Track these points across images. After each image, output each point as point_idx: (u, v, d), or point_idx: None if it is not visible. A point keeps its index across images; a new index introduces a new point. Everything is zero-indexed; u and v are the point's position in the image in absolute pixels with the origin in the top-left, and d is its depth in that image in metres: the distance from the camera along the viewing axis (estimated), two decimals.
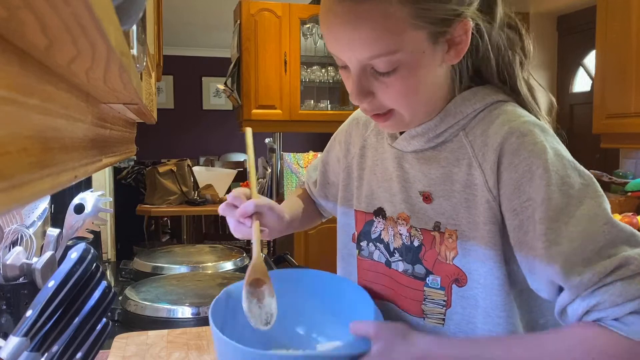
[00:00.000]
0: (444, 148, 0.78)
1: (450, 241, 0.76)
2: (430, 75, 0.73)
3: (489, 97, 0.77)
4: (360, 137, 0.95)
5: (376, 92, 0.73)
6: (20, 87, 0.25)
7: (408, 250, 0.81)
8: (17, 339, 0.61)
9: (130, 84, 0.44)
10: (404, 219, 0.82)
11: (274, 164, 3.44)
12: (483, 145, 0.73)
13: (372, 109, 0.75)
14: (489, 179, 0.72)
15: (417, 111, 0.76)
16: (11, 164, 0.24)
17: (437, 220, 0.77)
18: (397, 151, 0.84)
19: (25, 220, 1.01)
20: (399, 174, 0.83)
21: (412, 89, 0.72)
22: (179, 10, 4.65)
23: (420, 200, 0.79)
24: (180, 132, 6.37)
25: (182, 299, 1.31)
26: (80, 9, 0.21)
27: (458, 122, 0.77)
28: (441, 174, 0.78)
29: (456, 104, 0.77)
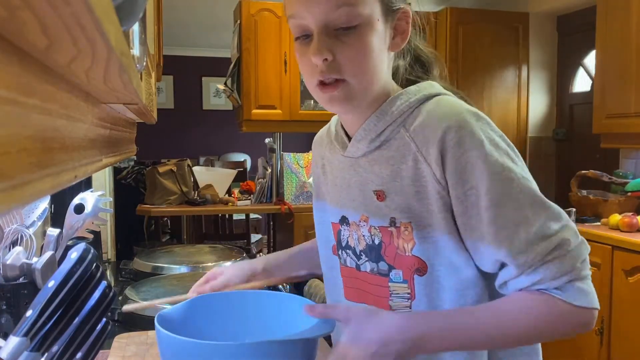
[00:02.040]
0: (388, 147, 0.83)
1: (407, 233, 0.81)
2: (380, 51, 0.80)
3: (420, 92, 0.83)
4: (319, 155, 1.02)
5: (336, 51, 0.77)
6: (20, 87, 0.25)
7: (371, 250, 0.86)
8: (17, 338, 0.61)
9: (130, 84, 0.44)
10: (364, 220, 0.87)
11: (274, 164, 3.44)
12: (425, 141, 0.78)
13: (328, 70, 0.78)
14: (435, 171, 0.77)
15: (365, 81, 0.79)
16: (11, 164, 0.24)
17: (392, 215, 0.82)
18: (350, 159, 0.89)
19: (25, 220, 1.01)
20: (356, 179, 0.88)
21: (367, 53, 0.78)
22: (179, 10, 4.65)
23: (375, 199, 0.84)
24: (180, 132, 6.37)
25: None
26: (80, 9, 0.21)
27: (395, 120, 0.82)
28: (390, 171, 0.82)
29: (391, 103, 0.83)
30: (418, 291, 0.82)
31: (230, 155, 6.33)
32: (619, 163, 3.02)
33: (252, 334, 0.85)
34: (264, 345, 0.70)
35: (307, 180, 3.38)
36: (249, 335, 0.85)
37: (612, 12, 2.69)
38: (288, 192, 3.35)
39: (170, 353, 0.73)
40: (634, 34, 2.56)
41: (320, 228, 1.00)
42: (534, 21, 3.70)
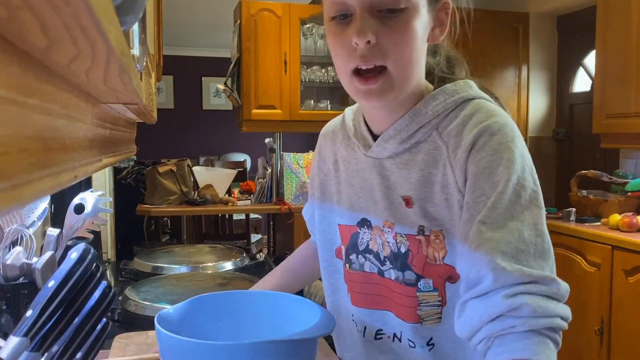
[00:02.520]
0: (419, 150, 0.78)
1: (438, 242, 0.76)
2: (422, 41, 0.75)
3: (458, 94, 0.78)
4: (331, 151, 0.95)
5: (379, 35, 0.71)
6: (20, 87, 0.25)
7: (396, 258, 0.81)
8: (17, 338, 0.61)
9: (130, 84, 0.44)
10: (389, 226, 0.81)
11: (274, 164, 3.44)
12: (456, 146, 0.74)
13: (370, 54, 0.72)
14: (458, 179, 0.73)
15: (407, 71, 0.74)
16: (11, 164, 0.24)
17: (421, 224, 0.77)
18: (374, 160, 0.83)
19: (25, 220, 1.01)
20: (379, 182, 0.82)
21: (413, 40, 0.73)
22: (179, 10, 4.65)
23: (402, 205, 0.79)
24: (180, 132, 6.37)
25: (182, 299, 1.30)
26: (80, 9, 0.21)
27: (430, 121, 0.77)
28: (420, 177, 0.77)
29: (426, 103, 0.78)
30: (449, 297, 0.77)
31: (230, 155, 6.33)
32: (619, 163, 3.02)
33: (252, 334, 0.85)
34: (264, 345, 0.70)
35: (307, 180, 3.38)
36: (249, 335, 0.85)
37: (612, 12, 2.69)
38: (288, 192, 3.35)
39: (170, 353, 0.73)
40: (634, 34, 2.56)
41: (322, 229, 0.95)
42: (534, 21, 3.70)
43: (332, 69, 3.75)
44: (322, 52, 3.75)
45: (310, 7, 3.64)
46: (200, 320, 0.85)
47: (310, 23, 3.64)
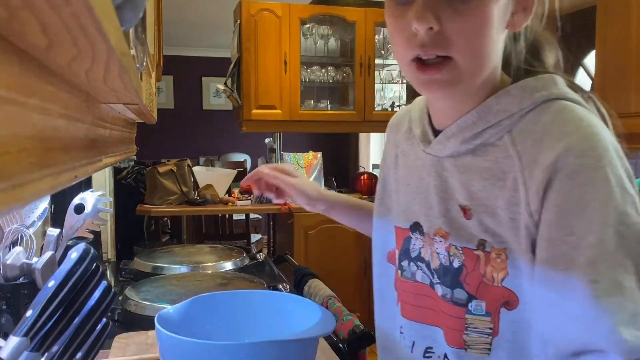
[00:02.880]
0: (485, 153, 0.67)
1: (499, 261, 0.65)
2: (497, 28, 0.63)
3: (538, 91, 0.65)
4: (393, 143, 0.85)
5: (445, 20, 0.61)
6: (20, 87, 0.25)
7: (446, 272, 0.70)
8: (17, 338, 0.61)
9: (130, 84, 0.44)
10: (442, 235, 0.70)
11: None
12: (532, 160, 0.61)
13: (432, 42, 0.61)
14: (531, 202, 0.61)
15: (477, 63, 0.64)
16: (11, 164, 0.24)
17: (482, 237, 0.66)
18: (433, 157, 0.73)
19: (26, 220, 1.01)
20: (436, 184, 0.72)
21: (484, 28, 0.61)
22: (179, 10, 4.65)
23: (460, 214, 0.68)
24: (180, 132, 6.37)
25: (182, 299, 1.30)
26: (80, 9, 0.21)
27: (500, 122, 0.65)
28: (483, 186, 0.66)
29: (498, 100, 0.66)
30: (503, 327, 0.66)
31: (230, 155, 6.33)
32: None
33: (252, 334, 0.85)
34: (264, 345, 0.70)
35: None
36: (249, 335, 0.85)
37: (612, 12, 2.69)
38: None
39: (170, 353, 0.73)
40: (634, 34, 2.56)
41: (377, 228, 0.86)
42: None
43: (332, 69, 3.75)
44: (322, 52, 3.75)
45: (310, 7, 3.64)
46: (200, 320, 0.85)
47: (310, 23, 3.64)
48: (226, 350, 0.69)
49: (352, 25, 3.66)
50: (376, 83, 3.78)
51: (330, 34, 3.73)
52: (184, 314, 0.84)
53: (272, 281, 1.49)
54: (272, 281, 1.49)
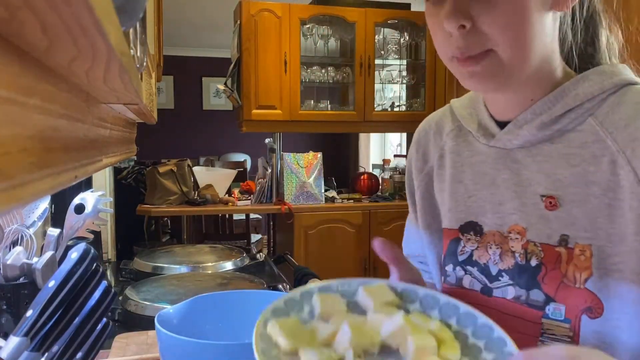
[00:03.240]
0: (567, 140, 0.64)
1: (583, 259, 0.61)
2: (540, 12, 0.60)
3: (617, 76, 0.63)
4: (437, 146, 0.80)
5: (476, 16, 0.58)
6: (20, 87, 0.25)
7: (522, 272, 0.66)
8: (18, 338, 0.61)
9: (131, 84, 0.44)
10: (519, 232, 0.66)
11: (274, 164, 3.44)
12: (632, 139, 0.59)
13: (466, 42, 0.59)
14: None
15: (520, 53, 0.61)
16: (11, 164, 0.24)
17: (564, 232, 0.62)
18: (498, 150, 0.69)
19: (26, 220, 1.01)
20: (506, 177, 0.68)
21: (520, 16, 0.59)
22: (179, 10, 4.65)
23: (541, 207, 0.64)
24: (180, 132, 6.37)
25: (182, 299, 1.30)
26: (81, 9, 0.21)
27: (582, 104, 0.63)
28: (571, 174, 0.63)
29: (576, 83, 0.64)
30: (584, 337, 0.61)
31: (230, 155, 6.33)
32: None
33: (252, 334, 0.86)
34: None
35: (307, 180, 3.38)
36: (249, 335, 0.85)
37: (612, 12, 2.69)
38: (288, 192, 3.35)
39: (170, 353, 0.73)
40: (634, 34, 2.56)
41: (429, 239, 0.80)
42: None
43: (332, 69, 3.76)
44: (322, 52, 3.75)
45: (310, 7, 3.64)
46: (200, 320, 0.85)
47: (310, 23, 3.64)
48: (226, 350, 0.69)
49: (352, 25, 3.66)
50: (376, 83, 3.78)
51: (330, 34, 3.73)
52: (184, 314, 0.84)
53: (272, 281, 1.49)
54: (272, 281, 1.49)
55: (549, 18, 0.62)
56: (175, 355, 0.72)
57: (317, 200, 3.38)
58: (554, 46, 0.65)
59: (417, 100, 3.92)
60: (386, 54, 3.87)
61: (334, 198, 3.51)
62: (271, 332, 0.58)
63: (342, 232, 3.29)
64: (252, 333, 0.58)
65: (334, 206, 3.39)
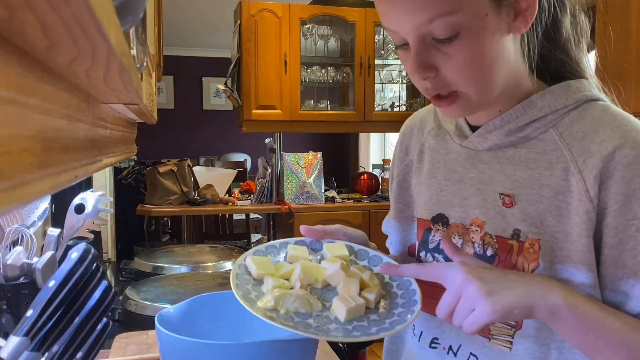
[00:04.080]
0: (530, 147, 0.71)
1: (531, 252, 0.68)
2: (497, 45, 0.65)
3: (580, 92, 0.70)
4: (418, 142, 0.87)
5: (439, 65, 0.65)
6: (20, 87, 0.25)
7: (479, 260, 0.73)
8: (18, 338, 0.61)
9: (131, 84, 0.44)
10: (478, 225, 0.74)
11: (274, 164, 3.44)
12: (584, 150, 0.66)
13: (434, 87, 0.66)
14: (590, 188, 0.65)
15: (484, 89, 0.67)
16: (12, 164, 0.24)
17: (517, 227, 0.70)
18: (468, 151, 0.77)
19: (26, 220, 1.01)
20: (473, 176, 0.76)
21: (477, 60, 0.64)
22: (179, 10, 4.65)
23: (498, 203, 0.72)
24: (180, 132, 6.37)
25: (182, 299, 1.30)
26: (81, 9, 0.21)
27: (545, 116, 0.70)
28: (529, 175, 0.70)
29: (543, 97, 0.70)
30: (527, 322, 0.69)
31: (231, 155, 6.33)
32: None
33: (252, 334, 0.86)
34: (264, 345, 0.70)
35: (307, 180, 3.38)
36: (249, 335, 0.85)
37: (612, 12, 2.69)
38: (288, 192, 3.35)
39: (170, 353, 0.73)
40: (634, 33, 2.56)
41: (398, 225, 0.88)
42: None
43: (332, 69, 3.76)
44: (322, 52, 3.75)
45: (310, 7, 3.64)
46: (200, 320, 0.85)
47: (310, 23, 3.64)
48: (226, 350, 0.69)
49: (352, 25, 3.66)
50: (376, 83, 3.78)
51: (330, 34, 3.73)
52: (184, 313, 0.84)
53: None
54: None
55: (509, 42, 0.67)
56: (175, 355, 0.72)
57: (317, 200, 3.38)
58: (518, 64, 0.70)
59: (417, 100, 3.92)
60: (386, 54, 3.87)
61: (334, 198, 3.51)
62: (247, 263, 0.78)
63: None
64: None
65: (334, 206, 3.39)
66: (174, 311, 0.83)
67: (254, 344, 0.70)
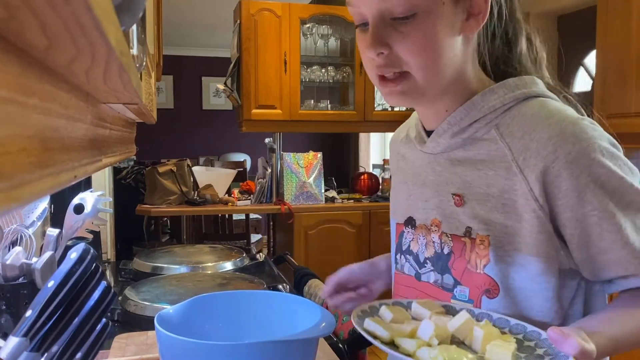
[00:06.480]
0: (476, 147, 0.74)
1: (482, 248, 0.72)
2: (448, 37, 0.69)
3: (519, 89, 0.73)
4: (395, 151, 0.94)
5: (393, 44, 0.69)
6: (20, 87, 0.25)
7: (439, 259, 0.77)
8: (17, 339, 0.61)
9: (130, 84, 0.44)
10: (436, 224, 0.78)
11: (274, 164, 3.44)
12: (524, 149, 0.69)
13: (386, 63, 0.69)
14: (533, 187, 0.67)
15: (431, 75, 0.70)
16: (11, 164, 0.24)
17: (469, 225, 0.73)
18: (428, 155, 0.80)
19: (25, 220, 1.01)
20: (432, 179, 0.79)
21: (429, 43, 0.68)
22: (179, 10, 4.65)
23: (451, 203, 0.75)
24: (180, 132, 6.37)
25: (182, 299, 1.30)
26: (80, 9, 0.21)
27: (485, 116, 0.72)
28: (477, 176, 0.73)
29: (483, 97, 0.73)
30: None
31: (230, 155, 6.33)
32: None
33: (252, 334, 0.85)
34: (264, 345, 0.70)
35: (307, 181, 3.38)
36: (249, 335, 0.85)
37: (612, 12, 2.69)
38: (288, 192, 3.35)
39: (170, 353, 0.73)
40: (634, 34, 2.56)
41: (391, 229, 0.92)
42: (534, 21, 3.70)
43: (332, 69, 3.75)
44: (322, 52, 3.75)
45: (310, 6, 3.64)
46: (200, 320, 0.85)
47: (310, 23, 3.64)
48: (226, 350, 0.69)
49: (352, 25, 3.65)
50: None
51: (330, 33, 3.73)
52: (183, 314, 0.84)
53: (272, 281, 1.49)
54: (272, 281, 1.49)
55: (458, 42, 0.71)
56: (175, 355, 0.72)
57: (317, 200, 3.38)
58: (466, 63, 0.74)
59: None
60: None
61: (334, 198, 3.51)
62: (368, 326, 0.70)
63: (342, 232, 3.29)
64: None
65: (334, 206, 3.39)
66: (174, 311, 0.83)
67: (254, 344, 0.70)
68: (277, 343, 0.71)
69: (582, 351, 0.57)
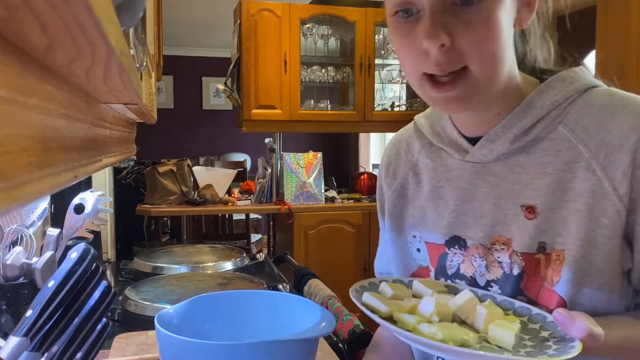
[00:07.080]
0: (541, 149, 0.66)
1: (558, 263, 0.64)
2: (508, 28, 0.62)
3: (577, 81, 0.66)
4: (408, 164, 0.82)
5: (454, 34, 0.59)
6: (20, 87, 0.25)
7: (507, 281, 0.68)
8: (17, 339, 0.61)
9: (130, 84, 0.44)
10: (504, 242, 0.68)
11: (274, 164, 3.44)
12: (603, 143, 0.61)
13: (446, 59, 0.59)
14: (619, 186, 0.60)
15: (494, 72, 0.62)
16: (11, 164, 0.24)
17: (543, 239, 0.65)
18: (474, 165, 0.71)
19: (25, 220, 1.01)
20: (486, 191, 0.70)
21: (497, 33, 0.59)
22: (179, 10, 4.65)
23: (521, 217, 0.66)
24: (180, 132, 6.37)
25: (182, 299, 1.30)
26: (80, 9, 0.21)
27: (548, 113, 0.65)
28: (549, 182, 0.64)
29: (541, 93, 0.66)
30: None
31: (230, 155, 6.33)
32: None
33: (252, 334, 0.85)
34: (264, 345, 0.70)
35: (307, 180, 3.38)
36: (249, 335, 0.85)
37: (612, 12, 2.69)
38: (288, 192, 3.35)
39: (170, 353, 0.73)
40: (634, 33, 2.56)
41: (396, 250, 0.82)
42: None
43: (332, 69, 3.75)
44: (322, 52, 3.75)
45: (310, 7, 3.64)
46: (200, 320, 0.85)
47: (310, 23, 3.64)
48: (226, 350, 0.69)
49: (352, 25, 3.66)
50: (376, 83, 3.78)
51: (330, 34, 3.73)
52: (184, 314, 0.84)
53: (272, 281, 1.49)
54: (272, 281, 1.49)
55: (512, 36, 0.64)
56: (175, 355, 0.72)
57: (317, 200, 3.38)
58: (514, 61, 0.67)
59: (417, 100, 3.92)
60: (386, 54, 3.87)
61: (334, 198, 3.51)
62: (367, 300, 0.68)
63: (342, 232, 3.29)
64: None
65: (334, 206, 3.39)
66: (174, 311, 0.83)
67: (254, 344, 0.70)
68: (277, 343, 0.71)
69: (589, 334, 0.53)
